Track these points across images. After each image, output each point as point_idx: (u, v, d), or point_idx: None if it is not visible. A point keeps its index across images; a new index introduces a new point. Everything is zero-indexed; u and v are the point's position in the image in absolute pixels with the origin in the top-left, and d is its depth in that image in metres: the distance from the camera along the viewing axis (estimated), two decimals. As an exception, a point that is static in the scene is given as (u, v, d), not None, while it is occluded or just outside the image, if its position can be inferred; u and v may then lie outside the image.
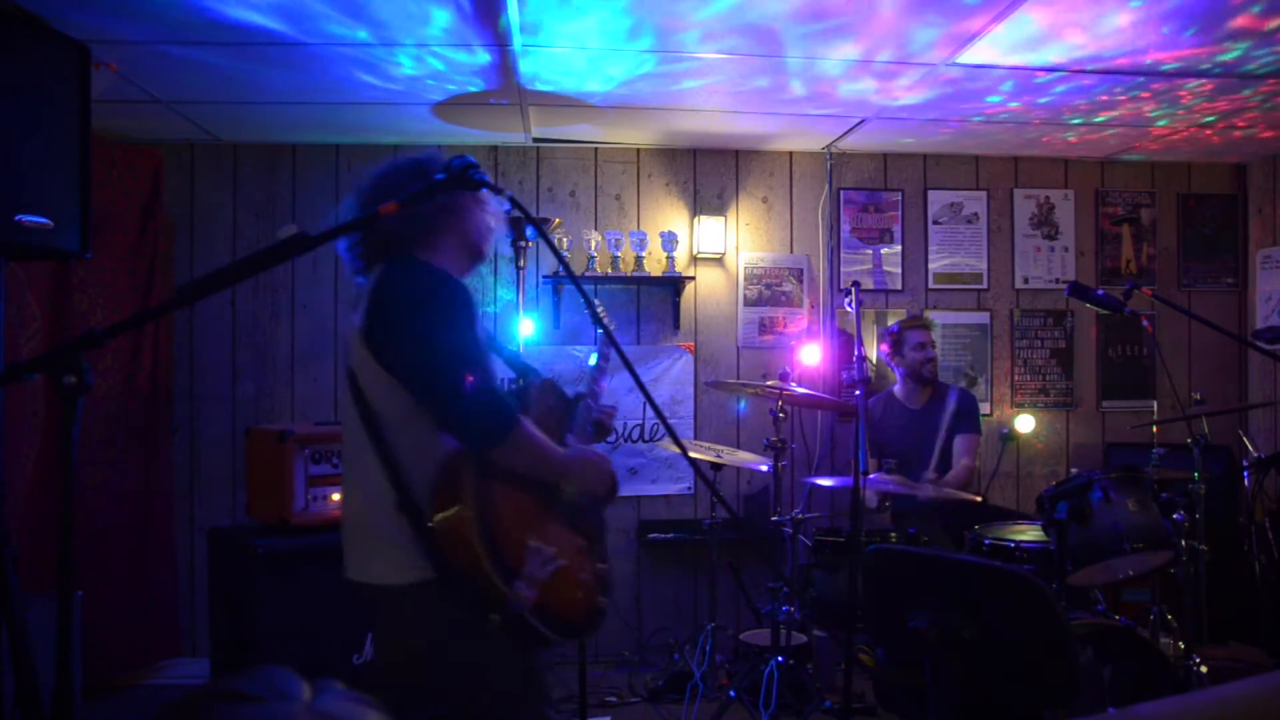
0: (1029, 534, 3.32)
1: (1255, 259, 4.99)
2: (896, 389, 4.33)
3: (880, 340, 4.63)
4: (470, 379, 1.86)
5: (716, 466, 4.03)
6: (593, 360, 2.40)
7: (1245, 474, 4.27)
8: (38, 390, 3.54)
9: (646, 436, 4.68)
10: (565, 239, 4.60)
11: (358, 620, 3.01)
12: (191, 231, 4.52)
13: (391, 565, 1.87)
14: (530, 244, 4.32)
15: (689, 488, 4.74)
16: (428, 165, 1.99)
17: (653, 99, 3.91)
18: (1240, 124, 4.25)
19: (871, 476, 3.53)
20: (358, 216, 2.01)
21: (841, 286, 4.79)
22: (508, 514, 1.89)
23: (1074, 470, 4.63)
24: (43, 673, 1.95)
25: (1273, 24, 3.07)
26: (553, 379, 2.22)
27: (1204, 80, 3.63)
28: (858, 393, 3.19)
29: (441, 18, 3.04)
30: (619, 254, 4.58)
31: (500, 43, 3.25)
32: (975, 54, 3.35)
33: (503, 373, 2.20)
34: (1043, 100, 3.90)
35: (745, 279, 4.82)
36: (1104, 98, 3.85)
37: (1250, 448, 4.47)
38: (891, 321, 4.55)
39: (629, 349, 4.66)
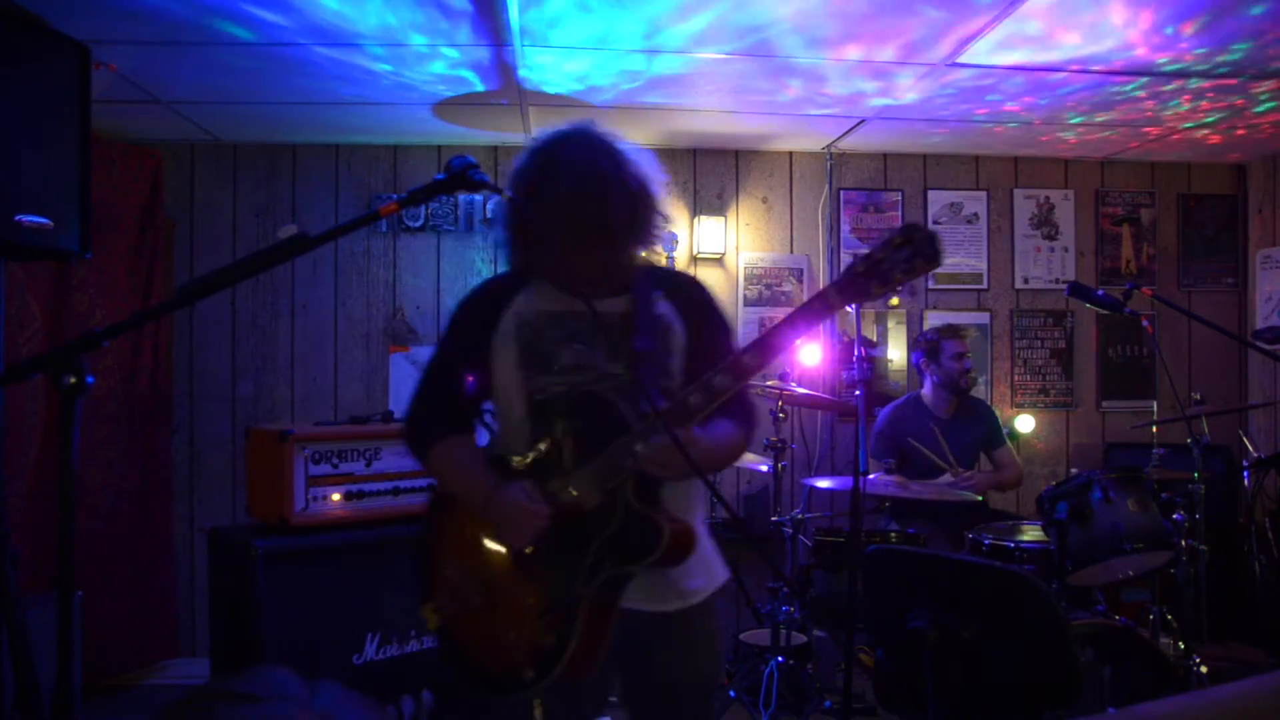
0: (1029, 534, 3.32)
1: (1255, 259, 4.99)
2: (925, 395, 4.29)
3: (912, 347, 4.61)
4: (420, 389, 1.94)
5: (717, 466, 4.01)
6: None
7: (1245, 474, 4.27)
8: (38, 390, 3.54)
9: (646, 436, 4.67)
10: (565, 239, 4.59)
11: (357, 620, 3.02)
12: (191, 231, 4.52)
13: None
14: (530, 244, 4.32)
15: (689, 488, 4.73)
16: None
17: (652, 99, 3.91)
18: (1240, 124, 4.25)
19: (871, 477, 3.53)
20: (363, 215, 2.01)
21: (841, 286, 4.78)
22: (444, 539, 1.93)
23: (1074, 470, 4.62)
24: (43, 673, 1.95)
25: (1274, 25, 3.07)
26: (602, 392, 1.77)
27: (1204, 80, 3.62)
28: (858, 393, 3.18)
29: (442, 19, 3.04)
30: (619, 254, 4.57)
31: (500, 43, 3.25)
32: (975, 54, 3.35)
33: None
34: (1043, 100, 3.90)
35: (745, 279, 4.82)
36: (1104, 98, 3.85)
37: (1250, 448, 4.47)
38: (927, 329, 4.54)
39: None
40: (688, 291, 1.92)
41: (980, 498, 3.89)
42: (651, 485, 1.74)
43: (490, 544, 1.85)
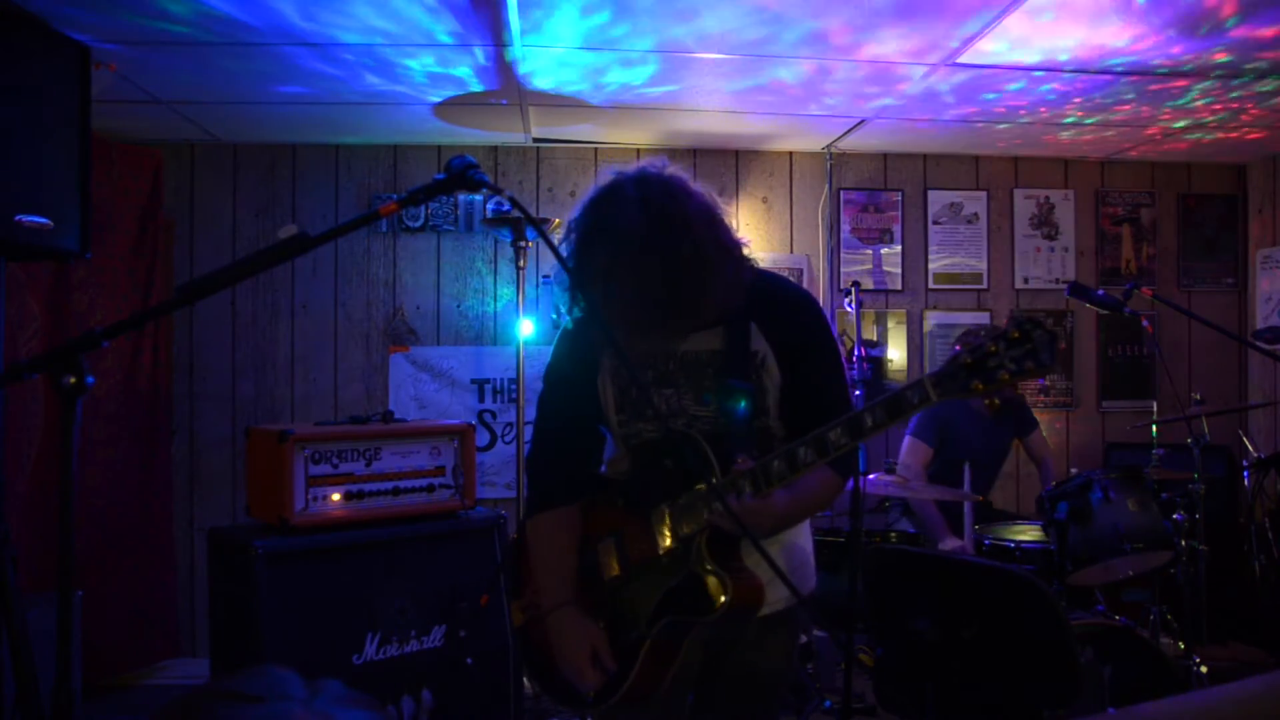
0: (1029, 534, 3.32)
1: (1255, 259, 4.99)
2: None
3: (958, 342, 4.57)
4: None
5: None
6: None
7: (1245, 474, 4.27)
8: (38, 390, 3.54)
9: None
10: (565, 239, 4.59)
11: (357, 620, 3.02)
12: (191, 231, 4.52)
13: None
14: (530, 244, 4.33)
15: (689, 488, 4.73)
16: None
17: (653, 99, 3.91)
18: (1240, 124, 4.25)
19: (871, 477, 3.53)
20: (363, 214, 1.99)
21: (841, 286, 4.79)
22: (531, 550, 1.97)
23: (1074, 470, 4.62)
24: (43, 673, 1.95)
25: (1274, 27, 3.07)
26: (693, 436, 1.72)
27: (1204, 80, 3.62)
28: (858, 393, 3.19)
29: (442, 19, 3.04)
30: (619, 254, 4.57)
31: (500, 43, 3.25)
32: (975, 54, 3.35)
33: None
34: (1043, 100, 3.90)
35: (745, 279, 4.81)
36: (1104, 98, 3.85)
37: (1250, 448, 4.47)
38: (978, 329, 4.48)
39: (629, 349, 4.65)
40: (787, 320, 1.82)
41: (981, 497, 3.88)
42: (730, 537, 1.69)
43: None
